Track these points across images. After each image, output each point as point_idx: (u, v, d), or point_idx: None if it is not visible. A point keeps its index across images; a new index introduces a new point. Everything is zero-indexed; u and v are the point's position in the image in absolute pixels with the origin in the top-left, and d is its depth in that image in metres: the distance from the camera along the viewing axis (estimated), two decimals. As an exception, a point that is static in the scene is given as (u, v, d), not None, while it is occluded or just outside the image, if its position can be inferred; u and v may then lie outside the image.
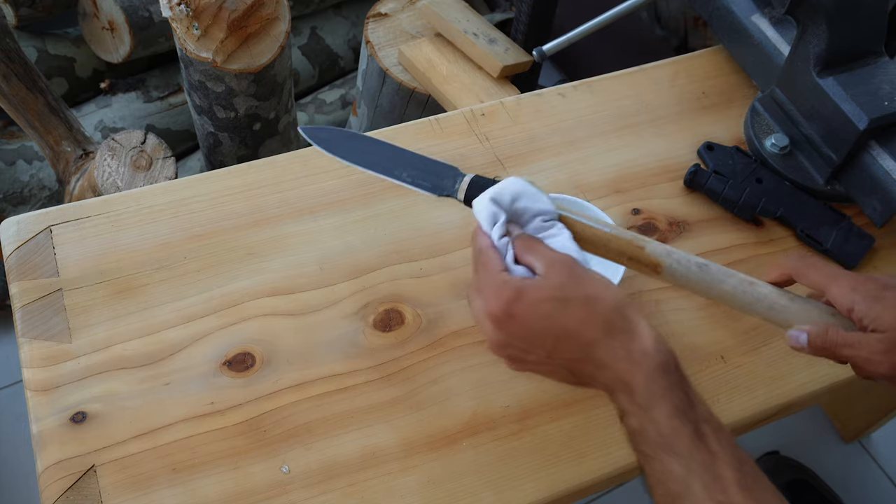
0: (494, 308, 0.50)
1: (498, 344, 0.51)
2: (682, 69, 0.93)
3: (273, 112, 1.25)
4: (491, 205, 0.53)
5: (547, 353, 0.50)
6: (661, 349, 0.49)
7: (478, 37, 1.17)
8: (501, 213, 0.53)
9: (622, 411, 0.49)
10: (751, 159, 0.83)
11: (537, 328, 0.49)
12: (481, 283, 0.51)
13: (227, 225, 0.75)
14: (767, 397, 0.69)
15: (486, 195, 0.53)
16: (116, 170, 1.10)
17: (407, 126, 0.84)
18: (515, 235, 0.53)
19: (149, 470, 0.61)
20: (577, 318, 0.49)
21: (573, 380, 0.52)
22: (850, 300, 0.53)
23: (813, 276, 0.56)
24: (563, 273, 0.50)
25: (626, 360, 0.48)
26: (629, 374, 0.48)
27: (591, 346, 0.49)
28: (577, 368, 0.50)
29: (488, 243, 0.52)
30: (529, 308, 0.49)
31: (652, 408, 0.47)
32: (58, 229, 0.73)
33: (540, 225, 0.54)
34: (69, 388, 0.64)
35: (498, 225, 0.52)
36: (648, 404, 0.47)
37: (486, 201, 0.53)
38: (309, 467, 0.62)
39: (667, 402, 0.47)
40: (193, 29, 1.10)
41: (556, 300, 0.49)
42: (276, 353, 0.68)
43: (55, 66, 1.47)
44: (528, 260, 0.52)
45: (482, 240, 0.53)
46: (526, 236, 0.53)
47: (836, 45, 0.75)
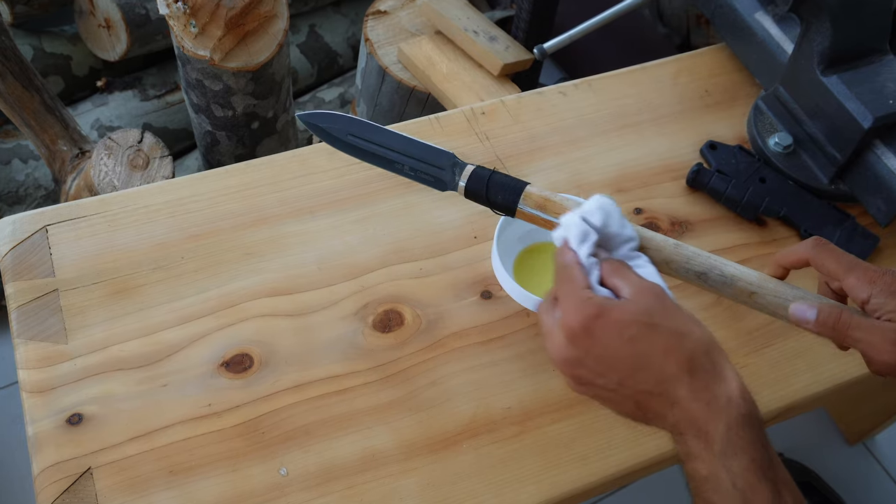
0: (573, 321, 0.48)
1: (568, 361, 0.49)
2: (684, 67, 0.93)
3: (271, 111, 1.25)
4: (582, 223, 0.52)
5: (619, 380, 0.48)
6: (747, 399, 0.46)
7: (478, 34, 1.17)
8: (592, 232, 0.51)
9: (689, 455, 0.47)
10: (754, 158, 0.83)
11: (617, 351, 0.47)
12: (562, 295, 0.49)
13: (224, 225, 0.75)
14: (771, 399, 0.69)
15: (578, 213, 0.52)
16: (113, 169, 1.10)
17: (407, 125, 0.84)
18: (603, 258, 0.52)
19: (146, 472, 0.61)
20: (662, 349, 0.47)
21: (637, 414, 0.49)
22: (866, 291, 0.53)
23: (830, 263, 0.55)
24: (652, 300, 0.48)
25: (707, 404, 0.46)
26: (708, 419, 0.45)
27: (671, 381, 0.46)
28: (647, 403, 0.48)
29: (574, 259, 0.51)
30: (613, 328, 0.47)
31: (730, 459, 0.45)
32: (54, 229, 0.73)
33: (627, 254, 0.53)
34: (65, 389, 0.64)
35: (588, 244, 0.51)
36: (726, 455, 0.45)
37: (577, 219, 0.52)
38: (307, 470, 0.62)
39: (747, 455, 0.45)
40: (191, 26, 1.10)
41: (643, 325, 0.47)
42: (275, 354, 0.68)
43: (51, 65, 1.47)
44: (616, 283, 0.50)
45: (568, 255, 0.51)
46: (615, 260, 0.52)
47: (840, 42, 0.75)
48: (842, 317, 0.53)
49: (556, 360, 0.50)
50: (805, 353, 0.72)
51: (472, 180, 0.58)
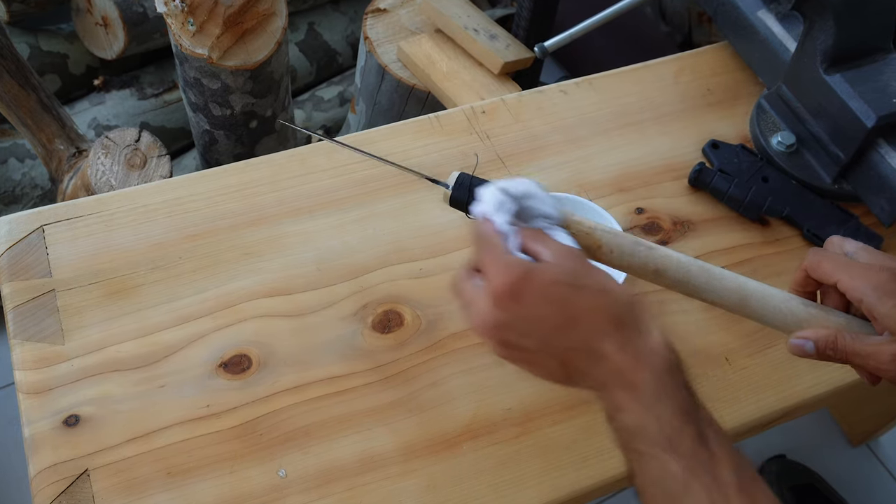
0: (499, 284, 0.48)
1: (492, 324, 0.49)
2: (686, 66, 0.93)
3: (270, 109, 1.25)
4: (499, 193, 0.53)
5: (543, 340, 0.49)
6: (670, 349, 0.48)
7: (478, 33, 1.17)
8: (509, 201, 0.52)
9: (616, 407, 0.48)
10: (756, 157, 0.83)
11: (543, 311, 0.48)
12: (485, 262, 0.50)
13: (223, 224, 0.75)
14: (773, 400, 0.69)
15: (496, 184, 0.53)
16: (110, 168, 1.10)
17: (406, 124, 0.84)
18: (521, 226, 0.53)
19: (143, 474, 0.61)
20: (587, 307, 0.48)
21: (561, 374, 0.50)
22: (860, 291, 0.53)
23: (825, 265, 0.55)
24: (574, 262, 0.50)
25: (633, 356, 0.47)
26: (634, 370, 0.47)
27: (595, 336, 0.48)
28: (572, 360, 0.49)
29: (493, 227, 0.52)
30: (539, 289, 0.48)
31: (656, 406, 0.46)
32: (50, 229, 0.73)
33: (544, 225, 0.54)
34: (62, 390, 0.64)
35: (504, 212, 0.52)
36: (652, 402, 0.47)
37: (493, 189, 0.53)
38: (306, 472, 0.62)
39: (672, 401, 0.46)
40: (189, 25, 1.10)
41: (568, 285, 0.48)
42: (273, 354, 0.68)
43: (48, 63, 1.47)
44: (536, 248, 0.51)
45: (486, 224, 0.52)
46: (532, 228, 0.53)
47: (843, 41, 0.75)
48: (838, 343, 0.53)
49: (482, 326, 0.50)
50: (808, 353, 0.72)
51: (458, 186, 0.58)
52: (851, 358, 0.52)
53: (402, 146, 0.82)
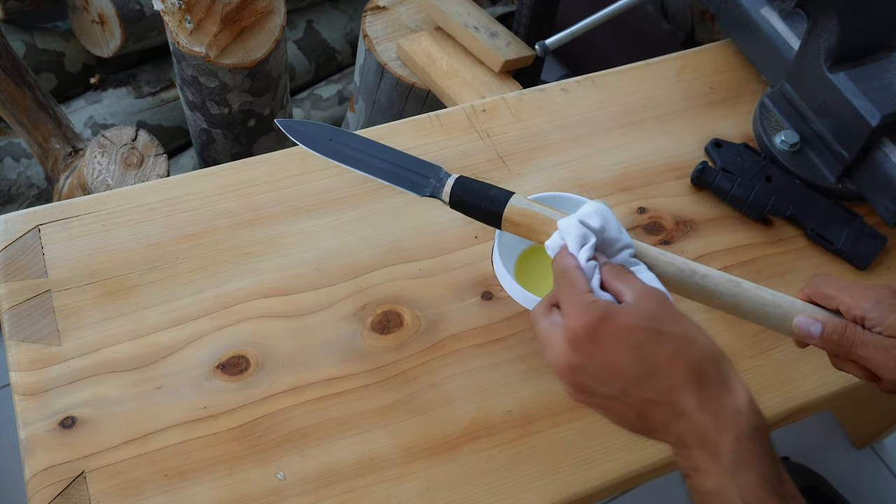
0: (577, 326, 0.46)
1: (569, 367, 0.48)
2: (688, 64, 0.93)
3: (268, 108, 1.25)
4: (580, 226, 0.51)
5: (622, 388, 0.46)
6: (756, 411, 0.46)
7: (479, 30, 1.17)
8: (591, 236, 0.51)
9: (693, 467, 0.46)
10: (760, 157, 0.83)
11: (621, 357, 0.46)
12: (564, 300, 0.48)
13: (220, 224, 0.75)
14: (777, 402, 0.69)
15: (576, 216, 0.52)
16: (107, 167, 1.10)
17: (406, 122, 0.84)
18: (603, 262, 0.51)
19: (140, 476, 0.61)
20: (669, 356, 0.46)
21: (638, 424, 0.48)
22: (861, 309, 0.52)
23: (826, 289, 0.55)
24: (657, 306, 0.48)
25: (715, 415, 0.45)
26: (715, 431, 0.44)
27: (677, 390, 0.45)
28: (650, 412, 0.47)
29: (574, 263, 0.50)
30: (618, 333, 0.46)
31: (739, 473, 0.44)
32: (46, 229, 0.73)
33: (626, 259, 0.53)
34: (58, 392, 0.64)
35: (587, 247, 0.51)
36: (735, 468, 0.44)
37: (576, 222, 0.52)
38: (305, 474, 0.62)
39: (756, 470, 0.44)
40: (186, 22, 1.10)
41: (650, 331, 0.46)
42: (271, 356, 0.68)
43: (44, 61, 1.47)
44: (618, 287, 0.49)
45: (568, 259, 0.50)
46: (615, 264, 0.51)
47: (847, 38, 0.75)
48: (846, 331, 0.52)
49: (558, 367, 0.48)
50: (812, 355, 0.72)
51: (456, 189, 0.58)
52: (856, 348, 0.52)
53: (401, 145, 0.82)
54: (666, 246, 0.78)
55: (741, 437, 0.44)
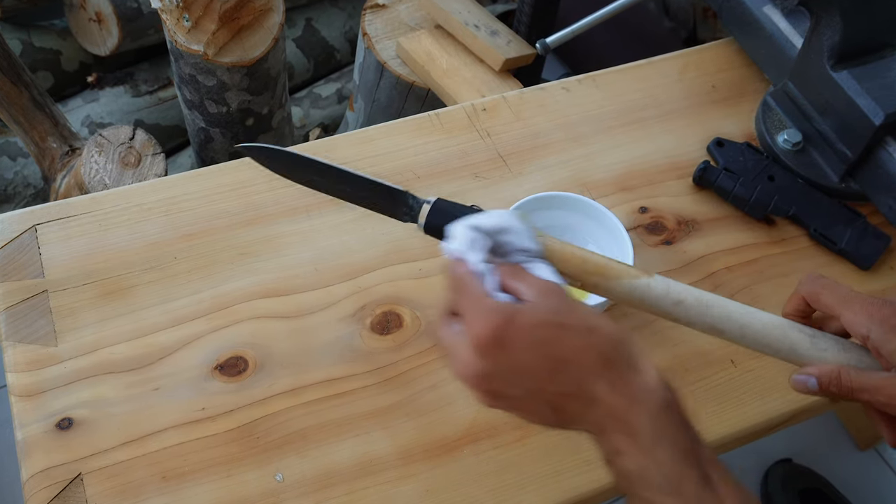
0: (481, 333, 0.46)
1: (478, 375, 0.47)
2: (691, 62, 0.93)
3: (266, 107, 1.25)
4: (469, 230, 0.51)
5: (534, 387, 0.47)
6: (666, 386, 0.47)
7: (479, 29, 1.17)
8: (482, 238, 0.51)
9: (614, 452, 0.46)
10: (762, 156, 0.83)
11: (529, 357, 0.46)
12: (464, 307, 0.48)
13: (219, 224, 0.75)
14: (779, 403, 0.69)
15: (466, 222, 0.51)
16: (104, 167, 1.10)
17: (406, 121, 0.84)
18: (498, 262, 0.51)
19: (138, 478, 0.61)
20: (575, 348, 0.46)
21: (553, 419, 0.48)
22: (865, 328, 0.52)
23: (825, 298, 0.54)
24: (557, 300, 0.48)
25: (627, 397, 0.46)
26: (630, 412, 0.45)
27: (586, 379, 0.46)
28: (563, 405, 0.47)
29: (467, 268, 0.50)
30: (523, 334, 0.46)
31: (656, 449, 0.45)
32: (43, 228, 0.73)
33: (521, 259, 0.52)
34: (55, 393, 0.64)
35: (478, 249, 0.50)
36: (652, 445, 0.45)
37: (461, 226, 0.51)
38: (304, 475, 0.62)
39: (672, 443, 0.45)
40: (184, 20, 1.10)
41: (553, 326, 0.46)
42: (270, 356, 0.68)
43: (40, 59, 1.47)
44: (515, 286, 0.49)
45: (459, 265, 0.50)
46: (510, 264, 0.51)
47: (850, 37, 0.75)
48: (842, 379, 0.52)
49: (467, 377, 0.48)
50: (815, 355, 0.72)
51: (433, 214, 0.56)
52: (858, 394, 0.51)
53: (401, 144, 0.82)
54: (668, 246, 0.78)
55: (654, 413, 0.45)
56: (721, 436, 0.67)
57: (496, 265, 0.51)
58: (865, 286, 0.77)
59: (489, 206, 0.78)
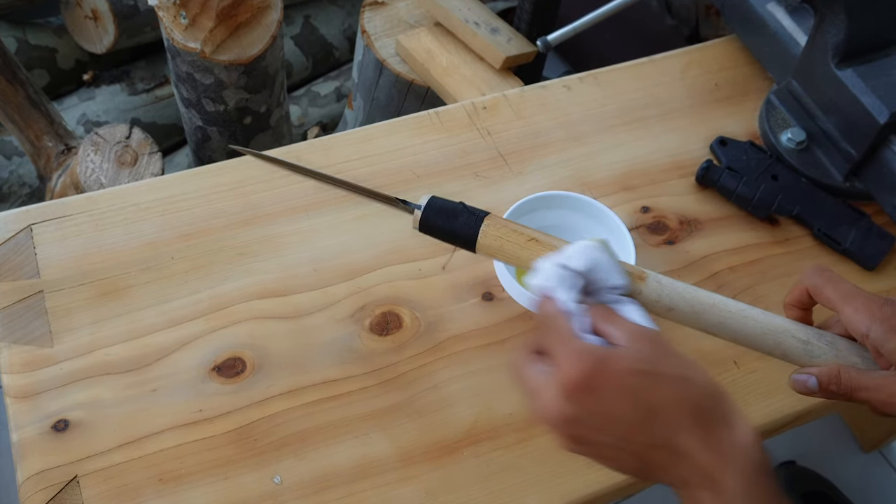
0: (572, 375, 0.45)
1: (564, 419, 0.46)
2: (693, 60, 0.93)
3: (264, 105, 1.25)
4: (560, 269, 0.50)
5: (622, 436, 0.46)
6: (759, 447, 0.45)
7: (479, 26, 1.17)
8: (576, 278, 0.50)
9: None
10: (766, 155, 0.83)
11: (619, 405, 0.45)
12: (553, 348, 0.47)
13: (216, 224, 0.75)
14: (783, 404, 0.69)
15: (556, 260, 0.50)
16: (100, 166, 1.10)
17: (405, 120, 0.84)
18: (590, 303, 0.50)
19: (134, 480, 0.61)
20: (667, 398, 0.45)
21: (638, 468, 0.47)
22: (865, 326, 0.52)
23: (828, 292, 0.54)
24: (650, 346, 0.47)
25: (718, 453, 0.44)
26: (719, 470, 0.44)
27: (677, 431, 0.45)
28: (650, 456, 0.46)
29: (558, 308, 0.49)
30: (614, 380, 0.45)
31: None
32: (39, 228, 0.73)
33: (612, 298, 0.51)
34: (51, 394, 0.64)
35: (572, 291, 0.49)
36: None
37: (554, 265, 0.50)
38: (302, 478, 0.62)
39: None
40: (181, 18, 1.10)
41: (646, 374, 0.45)
42: (268, 358, 0.68)
43: (36, 57, 1.47)
44: (607, 330, 0.48)
45: (550, 305, 0.49)
46: (602, 305, 0.50)
47: (855, 34, 0.75)
48: (842, 378, 0.52)
49: (551, 419, 0.47)
50: (819, 356, 0.72)
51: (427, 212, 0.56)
52: (857, 393, 0.51)
53: (400, 143, 0.82)
54: (670, 246, 0.78)
55: (746, 473, 0.44)
56: (724, 438, 0.67)
57: (587, 306, 0.50)
58: (870, 286, 0.77)
59: (490, 205, 0.78)
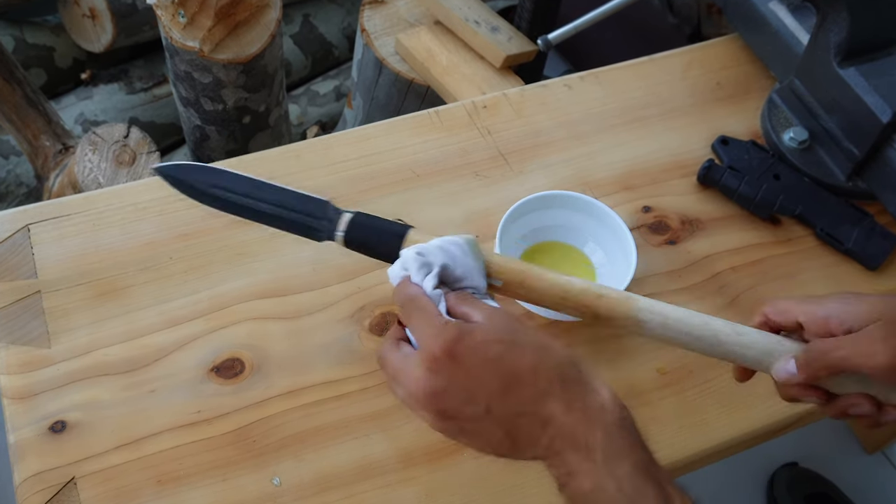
0: (434, 348, 0.47)
1: (430, 393, 0.47)
2: (695, 59, 0.93)
3: (263, 104, 1.25)
4: (418, 257, 0.52)
5: (487, 405, 0.47)
6: (619, 404, 0.47)
7: (479, 25, 1.17)
8: (435, 265, 0.52)
9: (568, 472, 0.46)
10: (768, 154, 0.83)
11: (482, 372, 0.47)
12: (416, 326, 0.49)
13: (215, 223, 0.75)
14: (786, 405, 0.69)
15: (414, 248, 0.53)
16: (98, 165, 1.10)
17: (405, 119, 0.84)
18: (446, 291, 0.52)
19: (132, 482, 0.61)
20: (528, 364, 0.47)
21: (506, 442, 0.48)
22: (824, 309, 0.52)
23: (780, 304, 0.55)
24: (508, 320, 0.49)
25: (582, 414, 0.46)
26: (585, 430, 0.45)
27: (542, 397, 0.46)
28: (517, 426, 0.47)
29: (419, 290, 0.51)
30: (476, 349, 0.47)
31: (613, 465, 0.44)
32: (36, 228, 0.73)
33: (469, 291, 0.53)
34: (48, 395, 0.64)
35: (431, 275, 0.51)
36: (609, 462, 0.45)
37: (413, 254, 0.52)
38: (301, 479, 0.62)
39: (629, 459, 0.45)
40: (179, 16, 1.10)
41: (506, 343, 0.47)
42: (267, 358, 0.68)
43: (33, 56, 1.47)
44: (465, 311, 0.50)
45: (412, 287, 0.51)
46: (459, 291, 0.52)
47: (858, 33, 0.75)
48: (817, 346, 0.52)
49: (417, 396, 0.48)
50: (821, 357, 0.72)
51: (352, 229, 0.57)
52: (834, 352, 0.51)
53: (400, 142, 0.82)
54: (671, 246, 0.78)
55: (609, 430, 0.45)
56: (727, 439, 0.67)
57: (444, 292, 0.51)
58: (873, 286, 0.77)
59: (490, 205, 0.78)
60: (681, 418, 0.68)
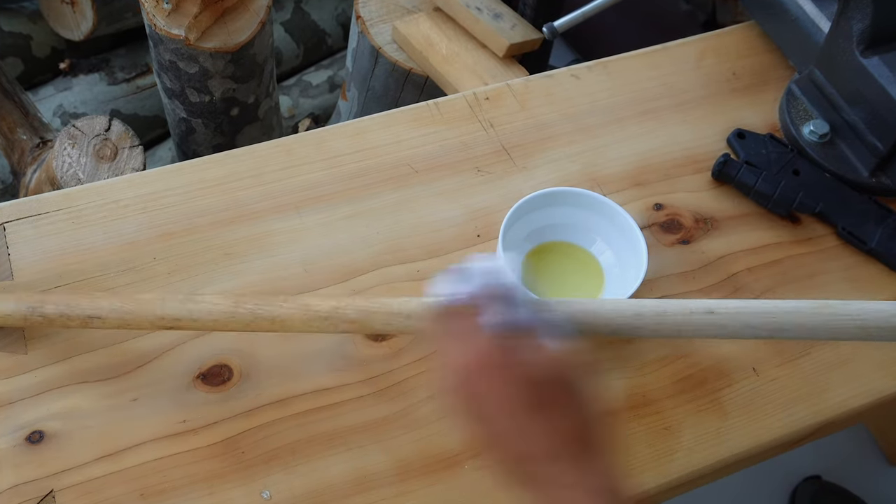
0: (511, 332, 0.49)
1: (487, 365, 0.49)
2: (709, 48, 0.93)
3: (252, 96, 1.26)
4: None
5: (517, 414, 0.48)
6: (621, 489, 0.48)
7: (481, 11, 1.17)
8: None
9: None
10: (787, 148, 0.83)
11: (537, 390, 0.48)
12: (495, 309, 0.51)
13: (200, 222, 0.75)
14: (805, 414, 0.70)
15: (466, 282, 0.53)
16: (77, 160, 1.10)
17: (402, 111, 0.84)
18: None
19: (114, 495, 0.61)
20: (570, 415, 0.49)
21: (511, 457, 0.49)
22: None
23: None
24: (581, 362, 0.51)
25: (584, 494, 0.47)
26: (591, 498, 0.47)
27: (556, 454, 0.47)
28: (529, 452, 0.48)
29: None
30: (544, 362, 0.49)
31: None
32: (12, 227, 0.73)
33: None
34: (24, 404, 0.64)
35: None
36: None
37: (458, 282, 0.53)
38: (292, 493, 0.62)
39: None
40: (164, 3, 1.10)
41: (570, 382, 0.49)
42: (256, 365, 0.68)
43: (9, 45, 1.47)
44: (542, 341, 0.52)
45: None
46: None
47: (881, 20, 0.75)
48: None
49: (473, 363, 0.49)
50: (843, 364, 0.72)
51: None
52: None
53: (397, 136, 0.82)
54: (684, 246, 0.78)
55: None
56: (744, 449, 0.68)
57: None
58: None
59: (493, 202, 0.78)
60: (695, 427, 0.68)
